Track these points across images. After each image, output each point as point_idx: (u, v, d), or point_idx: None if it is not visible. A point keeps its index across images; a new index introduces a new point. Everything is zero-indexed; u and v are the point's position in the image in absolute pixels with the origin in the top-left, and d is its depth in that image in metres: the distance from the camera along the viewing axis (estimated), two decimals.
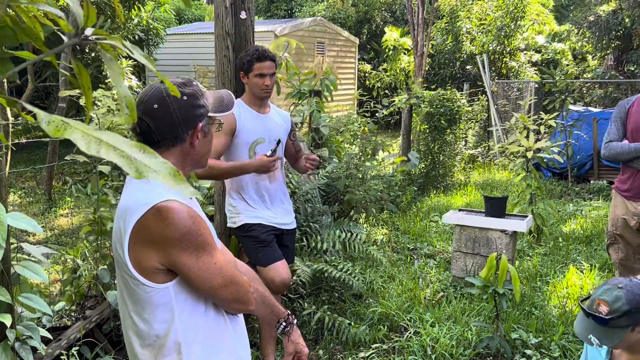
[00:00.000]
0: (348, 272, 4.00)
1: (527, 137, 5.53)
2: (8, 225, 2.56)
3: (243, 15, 3.24)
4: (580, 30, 15.35)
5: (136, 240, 1.36)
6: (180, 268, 1.37)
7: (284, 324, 1.71)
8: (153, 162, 0.73)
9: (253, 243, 3.05)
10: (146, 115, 1.43)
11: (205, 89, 1.56)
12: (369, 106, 7.51)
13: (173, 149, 1.48)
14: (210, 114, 1.53)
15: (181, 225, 1.34)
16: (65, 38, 0.98)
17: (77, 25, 1.00)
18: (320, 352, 3.45)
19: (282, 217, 3.16)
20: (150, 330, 1.42)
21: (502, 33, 13.60)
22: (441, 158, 8.22)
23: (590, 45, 16.03)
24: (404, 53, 14.79)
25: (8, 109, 3.00)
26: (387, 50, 14.91)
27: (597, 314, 2.01)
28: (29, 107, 0.76)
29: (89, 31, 0.92)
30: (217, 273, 1.40)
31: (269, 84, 3.02)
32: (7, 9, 0.90)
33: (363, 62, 16.31)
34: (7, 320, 2.55)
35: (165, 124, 1.44)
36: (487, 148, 10.50)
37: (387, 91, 14.23)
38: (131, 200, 1.40)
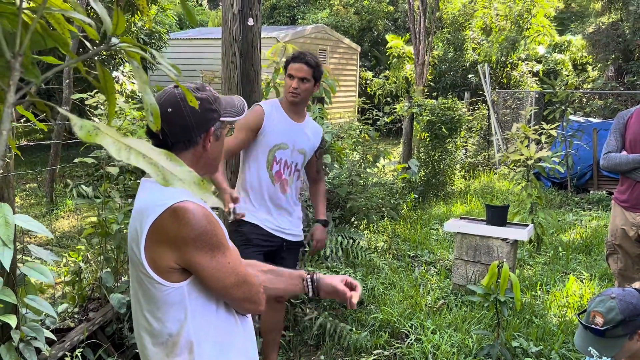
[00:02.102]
0: None
1: (528, 146, 5.57)
2: (15, 226, 2.58)
3: (250, 22, 3.28)
4: (589, 42, 15.44)
5: (152, 240, 1.39)
6: (194, 267, 1.40)
7: (308, 278, 1.67)
8: (179, 170, 0.76)
9: (237, 238, 2.87)
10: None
11: (218, 94, 1.59)
12: (370, 114, 7.55)
13: (186, 152, 1.50)
14: (222, 119, 1.56)
15: (197, 225, 1.38)
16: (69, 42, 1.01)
17: (98, 31, 1.03)
18: (322, 357, 3.47)
19: (283, 224, 3.01)
20: (163, 328, 1.45)
21: (509, 44, 13.64)
22: (442, 166, 8.25)
23: (590, 56, 16.12)
24: (408, 62, 14.87)
25: (13, 112, 3.02)
26: (391, 57, 14.98)
27: (593, 326, 2.05)
28: (63, 111, 0.79)
29: (115, 39, 0.96)
30: (230, 272, 1.43)
31: (297, 87, 2.88)
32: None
33: (364, 70, 16.38)
34: (12, 321, 2.56)
35: (179, 128, 1.47)
36: (487, 157, 10.55)
37: (388, 99, 14.30)
38: (147, 202, 1.43)
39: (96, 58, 1.09)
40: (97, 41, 1.00)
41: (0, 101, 0.92)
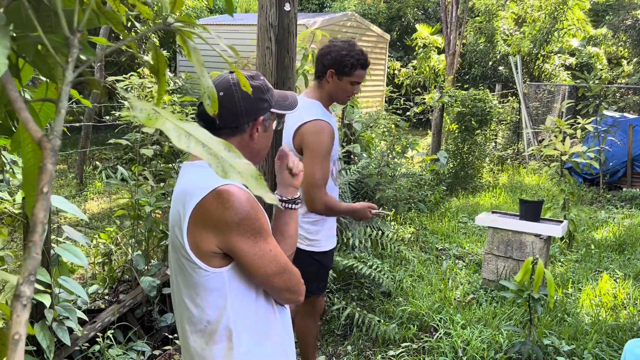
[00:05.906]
0: (377, 270, 3.99)
1: (563, 141, 5.43)
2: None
3: (287, 7, 3.23)
4: (616, 34, 15.03)
5: (195, 223, 1.38)
6: (237, 253, 1.38)
7: (281, 200, 1.60)
8: (238, 163, 0.73)
9: (322, 270, 2.73)
10: None
11: (271, 85, 1.58)
12: (398, 103, 7.45)
13: (232, 138, 1.49)
14: (272, 110, 1.55)
15: (240, 209, 1.36)
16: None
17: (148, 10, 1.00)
18: (349, 347, 3.44)
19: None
20: (202, 315, 1.44)
21: (541, 36, 13.34)
22: (470, 159, 8.13)
23: (626, 50, 15.70)
24: (434, 51, 14.64)
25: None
26: (417, 47, 14.78)
27: None
28: (124, 93, 0.76)
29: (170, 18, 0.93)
30: (272, 260, 1.41)
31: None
32: None
33: (393, 59, 16.20)
34: (46, 300, 2.59)
35: (229, 112, 1.47)
36: (516, 151, 10.36)
37: (418, 89, 14.13)
38: (191, 184, 1.42)
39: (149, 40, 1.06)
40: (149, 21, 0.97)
41: (56, 79, 0.90)
